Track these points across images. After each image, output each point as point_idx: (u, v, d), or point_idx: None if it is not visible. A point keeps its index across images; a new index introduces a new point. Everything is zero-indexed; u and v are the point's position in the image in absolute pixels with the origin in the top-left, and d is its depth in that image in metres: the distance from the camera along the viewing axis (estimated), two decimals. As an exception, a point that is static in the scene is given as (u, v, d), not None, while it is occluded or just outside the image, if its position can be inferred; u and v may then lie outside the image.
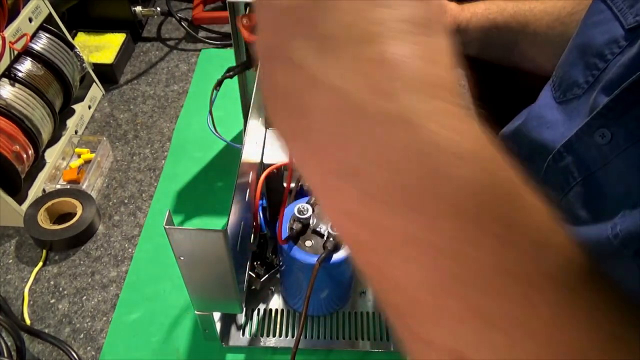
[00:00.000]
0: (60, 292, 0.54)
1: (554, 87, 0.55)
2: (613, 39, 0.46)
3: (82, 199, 0.59)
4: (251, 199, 0.45)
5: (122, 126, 0.72)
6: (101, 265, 0.56)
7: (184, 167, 0.66)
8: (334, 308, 0.52)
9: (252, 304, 0.52)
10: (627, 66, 0.43)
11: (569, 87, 0.52)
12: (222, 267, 0.37)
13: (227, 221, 0.35)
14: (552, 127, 0.53)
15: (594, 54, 0.48)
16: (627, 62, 0.43)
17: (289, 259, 0.44)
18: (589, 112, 0.46)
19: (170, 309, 0.52)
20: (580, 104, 0.49)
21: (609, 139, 0.43)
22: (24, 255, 0.57)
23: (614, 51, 0.46)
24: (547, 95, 0.56)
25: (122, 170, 0.66)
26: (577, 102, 0.50)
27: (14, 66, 0.59)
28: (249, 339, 0.50)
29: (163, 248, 0.57)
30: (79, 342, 0.50)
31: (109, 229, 0.59)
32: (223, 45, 0.85)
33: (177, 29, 0.89)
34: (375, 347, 0.50)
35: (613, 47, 0.46)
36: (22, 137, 0.57)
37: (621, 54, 0.45)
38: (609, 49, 0.47)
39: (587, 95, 0.49)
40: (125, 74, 0.80)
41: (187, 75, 0.80)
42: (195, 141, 0.69)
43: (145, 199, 0.63)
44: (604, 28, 0.48)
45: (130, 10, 0.81)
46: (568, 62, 0.53)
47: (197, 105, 0.75)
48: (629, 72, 0.42)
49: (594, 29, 0.49)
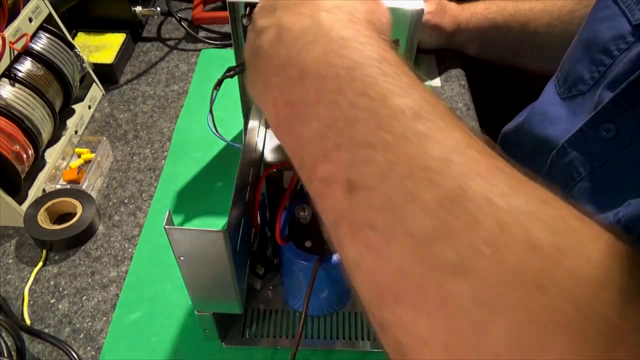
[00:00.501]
0: (60, 292, 0.54)
1: (558, 83, 0.55)
2: (619, 35, 0.46)
3: (82, 199, 0.59)
4: (251, 199, 0.45)
5: (122, 126, 0.72)
6: (101, 265, 0.56)
7: (184, 167, 0.66)
8: (334, 308, 0.52)
9: (252, 304, 0.52)
10: (634, 61, 0.42)
11: (574, 83, 0.51)
12: (222, 267, 0.37)
13: (227, 221, 0.35)
14: (555, 123, 0.53)
15: (600, 49, 0.47)
16: (634, 58, 0.42)
17: (288, 259, 0.44)
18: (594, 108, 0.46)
19: (170, 309, 0.52)
20: (585, 100, 0.49)
21: (614, 133, 0.43)
22: (24, 255, 0.57)
23: (620, 47, 0.46)
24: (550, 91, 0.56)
25: (122, 170, 0.66)
26: (581, 98, 0.50)
27: (14, 66, 0.59)
28: (249, 339, 0.50)
29: (163, 248, 0.57)
30: (79, 342, 0.50)
31: (109, 229, 0.59)
32: (223, 45, 0.85)
33: (177, 29, 0.89)
34: (375, 347, 0.50)
35: (619, 43, 0.46)
36: (22, 137, 0.57)
37: (628, 50, 0.45)
38: (615, 45, 0.46)
39: (592, 92, 0.48)
40: (125, 74, 0.80)
41: (187, 75, 0.80)
42: (195, 141, 0.69)
43: (145, 199, 0.63)
44: (611, 24, 0.47)
45: (130, 10, 0.81)
46: (573, 58, 0.52)
47: (197, 105, 0.75)
48: (635, 67, 0.42)
49: (600, 24, 0.49)
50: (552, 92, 0.56)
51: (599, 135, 0.44)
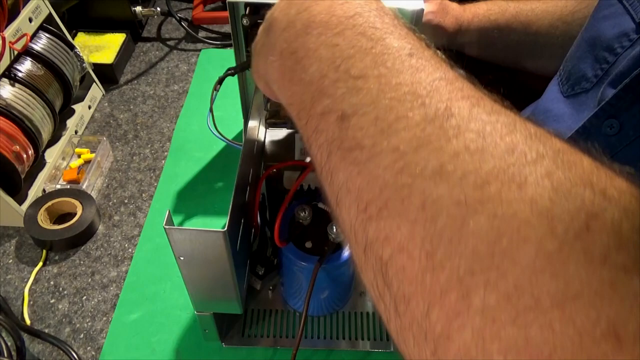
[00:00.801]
0: (60, 292, 0.54)
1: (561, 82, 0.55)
2: (623, 33, 0.46)
3: (82, 199, 0.59)
4: (251, 199, 0.45)
5: (122, 126, 0.72)
6: (101, 265, 0.56)
7: (184, 167, 0.66)
8: (334, 308, 0.52)
9: (252, 304, 0.52)
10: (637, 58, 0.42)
11: (577, 81, 0.51)
12: (222, 267, 0.37)
13: (227, 221, 0.35)
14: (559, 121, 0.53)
15: (604, 47, 0.47)
16: (637, 55, 0.42)
17: (288, 260, 0.44)
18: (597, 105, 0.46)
19: (170, 309, 0.52)
20: (589, 98, 0.49)
21: (618, 129, 0.43)
22: (24, 255, 0.57)
23: (624, 44, 0.46)
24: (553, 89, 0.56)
25: (122, 170, 0.66)
26: (585, 95, 0.50)
27: (14, 66, 0.59)
28: (249, 339, 0.50)
29: (163, 248, 0.57)
30: (79, 342, 0.50)
31: (109, 229, 0.59)
32: (223, 45, 0.85)
33: (177, 29, 0.89)
34: (375, 347, 0.49)
35: (623, 41, 0.46)
36: (22, 137, 0.57)
37: (632, 48, 0.45)
38: (618, 43, 0.46)
39: (595, 89, 0.48)
40: (125, 74, 0.80)
41: (187, 75, 0.80)
42: (195, 141, 0.69)
43: (145, 199, 0.63)
44: (614, 22, 0.47)
45: (130, 10, 0.81)
46: (577, 55, 0.52)
47: (197, 105, 0.75)
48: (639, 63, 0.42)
49: (604, 22, 0.49)
50: (556, 91, 0.56)
51: (602, 131, 0.44)
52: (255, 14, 0.51)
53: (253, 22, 0.52)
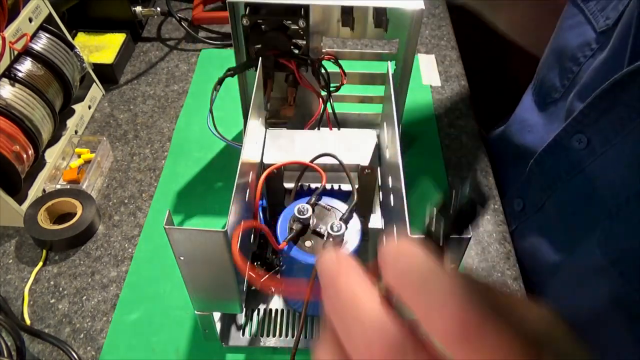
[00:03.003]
0: (60, 292, 0.54)
1: (534, 91, 0.56)
2: (585, 42, 0.46)
3: (82, 199, 0.59)
4: (251, 199, 0.45)
5: (122, 126, 0.72)
6: (101, 265, 0.56)
7: (184, 167, 0.66)
8: (334, 308, 0.52)
9: (252, 304, 0.52)
10: (598, 70, 0.43)
11: (548, 92, 0.52)
12: (222, 267, 0.37)
13: (227, 221, 0.35)
14: (533, 131, 0.54)
15: (569, 57, 0.48)
16: (598, 66, 0.43)
17: (288, 259, 0.44)
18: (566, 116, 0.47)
19: (170, 309, 0.52)
20: (559, 109, 0.50)
21: (585, 144, 0.43)
22: (24, 255, 0.57)
23: (586, 54, 0.46)
24: (528, 99, 0.57)
25: (122, 170, 0.66)
26: (554, 106, 0.51)
27: (14, 66, 0.59)
28: (249, 339, 0.50)
29: (163, 248, 0.57)
30: (79, 342, 0.50)
31: (109, 229, 0.59)
32: (223, 45, 0.85)
33: (177, 29, 0.89)
34: (375, 347, 0.49)
35: (585, 50, 0.46)
36: (22, 137, 0.57)
37: (593, 57, 0.45)
38: (581, 52, 0.47)
39: (563, 100, 0.49)
40: (125, 74, 0.80)
41: (187, 75, 0.80)
42: (195, 141, 0.69)
43: (145, 199, 0.63)
44: (578, 31, 0.48)
45: (130, 10, 0.81)
46: (546, 65, 0.53)
47: (197, 105, 0.75)
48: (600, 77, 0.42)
49: (568, 32, 0.50)
50: (530, 100, 0.57)
51: (571, 145, 0.45)
52: (255, 14, 0.51)
53: (253, 22, 0.52)
